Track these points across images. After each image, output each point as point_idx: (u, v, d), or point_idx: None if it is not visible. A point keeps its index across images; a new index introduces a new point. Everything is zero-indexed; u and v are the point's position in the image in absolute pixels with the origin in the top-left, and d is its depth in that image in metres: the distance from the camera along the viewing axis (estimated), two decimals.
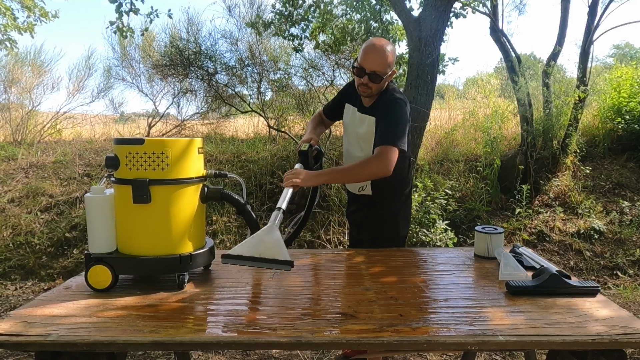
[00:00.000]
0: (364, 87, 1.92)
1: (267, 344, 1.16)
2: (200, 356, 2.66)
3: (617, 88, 6.19)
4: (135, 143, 1.44)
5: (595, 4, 5.46)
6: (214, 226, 4.61)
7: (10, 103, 8.08)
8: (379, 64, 1.87)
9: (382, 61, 1.87)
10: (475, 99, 7.82)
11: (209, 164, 5.68)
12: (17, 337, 1.14)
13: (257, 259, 1.35)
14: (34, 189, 5.19)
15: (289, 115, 6.96)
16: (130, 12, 5.30)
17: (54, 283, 4.00)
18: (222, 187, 1.66)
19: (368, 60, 1.87)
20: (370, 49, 1.88)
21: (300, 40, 5.85)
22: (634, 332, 1.15)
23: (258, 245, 1.41)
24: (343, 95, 2.18)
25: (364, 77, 1.89)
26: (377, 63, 1.87)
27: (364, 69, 1.88)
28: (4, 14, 7.08)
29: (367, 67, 1.87)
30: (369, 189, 2.07)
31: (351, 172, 1.87)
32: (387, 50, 1.88)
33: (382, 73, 1.89)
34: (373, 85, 1.90)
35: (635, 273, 4.16)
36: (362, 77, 1.90)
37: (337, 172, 1.95)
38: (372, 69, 1.87)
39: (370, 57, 1.87)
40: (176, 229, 1.49)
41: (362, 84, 1.91)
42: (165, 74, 7.01)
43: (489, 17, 5.65)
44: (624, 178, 5.39)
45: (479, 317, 1.25)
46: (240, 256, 1.35)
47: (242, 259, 1.36)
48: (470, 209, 4.83)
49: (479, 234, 1.82)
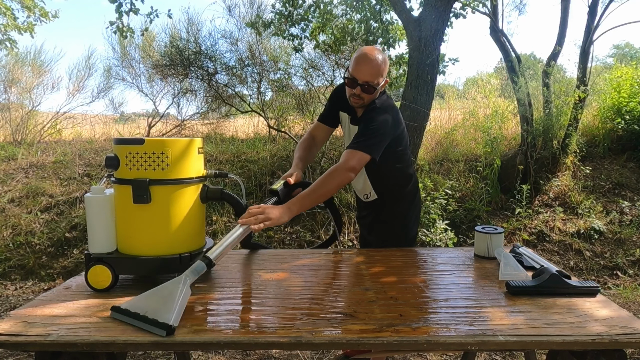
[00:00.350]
0: (356, 97, 1.85)
1: (267, 344, 1.16)
2: (200, 356, 2.66)
3: (617, 88, 6.19)
4: (135, 143, 1.44)
5: (595, 4, 5.46)
6: (214, 226, 4.61)
7: (10, 103, 8.09)
8: (371, 74, 1.80)
9: (374, 71, 1.80)
10: (475, 99, 7.82)
11: (209, 164, 5.68)
12: (17, 337, 1.14)
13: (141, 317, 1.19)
14: (34, 189, 5.20)
15: (289, 115, 6.96)
16: (130, 12, 5.31)
17: (54, 283, 4.00)
18: (222, 187, 1.66)
19: (360, 70, 1.80)
20: (362, 59, 1.80)
21: (300, 40, 5.86)
22: (634, 332, 1.15)
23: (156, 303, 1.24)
24: (335, 101, 2.07)
25: (357, 88, 1.82)
26: (370, 74, 1.80)
27: (356, 80, 1.81)
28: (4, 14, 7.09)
29: (360, 77, 1.80)
30: (373, 194, 2.07)
31: (318, 190, 1.67)
32: (379, 59, 1.80)
33: (375, 84, 1.82)
34: (365, 96, 1.84)
35: (635, 273, 4.16)
36: (354, 88, 1.82)
37: (305, 197, 1.66)
38: (365, 79, 1.80)
39: (362, 68, 1.80)
40: (176, 229, 1.49)
41: (354, 94, 1.84)
42: (165, 74, 7.02)
43: (489, 17, 5.65)
44: (624, 178, 5.39)
45: (479, 317, 1.25)
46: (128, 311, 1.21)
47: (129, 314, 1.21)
48: (470, 209, 4.83)
49: (479, 234, 1.82)
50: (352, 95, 1.86)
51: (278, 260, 1.78)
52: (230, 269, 1.69)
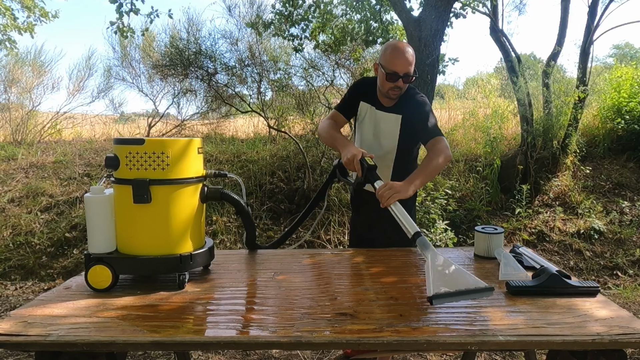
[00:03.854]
0: (395, 90, 1.98)
1: (267, 344, 1.16)
2: (200, 356, 2.66)
3: (617, 88, 6.19)
4: (135, 143, 1.44)
5: (595, 4, 5.46)
6: (214, 226, 4.61)
7: (10, 103, 8.08)
8: (409, 64, 1.95)
9: (411, 61, 1.96)
10: (475, 99, 7.83)
11: (209, 164, 5.68)
12: (17, 337, 1.14)
13: (464, 291, 1.27)
14: (34, 189, 5.20)
15: (289, 115, 6.95)
16: (131, 12, 5.30)
17: (54, 283, 4.00)
18: (221, 187, 1.66)
19: (399, 64, 1.93)
20: (398, 53, 1.95)
21: (300, 40, 5.85)
22: (634, 332, 1.15)
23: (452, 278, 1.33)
24: (357, 93, 2.18)
25: (399, 81, 1.95)
26: (408, 64, 1.95)
27: (397, 73, 1.93)
28: (4, 14, 7.09)
29: (400, 70, 1.93)
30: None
31: (432, 167, 1.84)
32: (410, 50, 1.98)
33: (413, 72, 1.98)
34: (404, 86, 1.99)
35: (635, 273, 4.16)
36: (396, 81, 1.95)
37: (423, 174, 1.83)
38: (405, 71, 1.94)
39: (401, 61, 1.94)
40: (176, 228, 1.49)
41: (395, 87, 1.97)
42: (165, 74, 7.01)
43: (489, 17, 5.65)
44: (624, 178, 5.39)
45: (479, 317, 1.25)
46: (449, 292, 1.27)
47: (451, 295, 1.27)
48: (470, 209, 4.83)
49: (479, 234, 1.82)
50: (391, 88, 1.98)
51: (278, 260, 1.78)
52: (230, 269, 1.69)
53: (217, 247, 3.82)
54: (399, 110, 2.04)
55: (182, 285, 1.47)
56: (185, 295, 1.42)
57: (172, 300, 1.38)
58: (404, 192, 1.68)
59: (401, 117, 2.03)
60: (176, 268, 1.47)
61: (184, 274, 1.48)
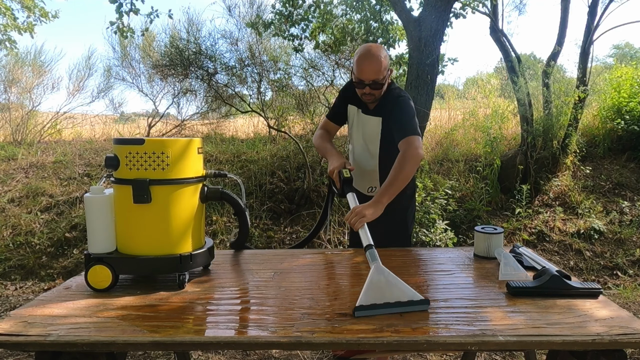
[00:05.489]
0: (368, 96, 1.95)
1: (267, 344, 1.16)
2: (200, 356, 2.66)
3: (617, 88, 6.19)
4: (135, 143, 1.44)
5: (595, 4, 5.46)
6: (214, 226, 4.61)
7: (10, 103, 8.08)
8: (375, 72, 1.88)
9: (378, 68, 1.87)
10: (475, 99, 7.83)
11: (209, 164, 5.68)
12: (17, 337, 1.14)
13: (392, 304, 1.28)
14: (34, 189, 5.20)
15: (289, 115, 6.95)
16: (131, 12, 5.30)
17: (54, 283, 4.00)
18: (221, 187, 1.66)
19: (365, 71, 1.88)
20: (363, 60, 1.89)
21: (300, 40, 5.85)
22: (634, 332, 1.15)
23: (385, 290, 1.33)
24: (344, 97, 2.15)
25: (366, 88, 1.91)
26: (374, 72, 1.88)
27: (363, 81, 1.90)
28: (4, 14, 7.10)
29: (366, 78, 1.89)
30: (379, 187, 2.07)
31: (400, 177, 1.77)
32: (380, 56, 1.88)
33: (381, 79, 1.90)
34: (376, 92, 1.93)
35: (635, 273, 4.16)
36: (363, 89, 1.92)
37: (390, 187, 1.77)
38: (371, 78, 1.89)
39: (366, 68, 1.88)
40: (176, 228, 1.49)
41: (364, 94, 1.94)
42: (165, 74, 7.01)
43: (489, 17, 5.65)
44: (624, 178, 5.39)
45: (479, 317, 1.25)
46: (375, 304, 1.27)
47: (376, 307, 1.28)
48: (470, 209, 4.83)
49: (479, 234, 1.81)
50: (363, 94, 1.95)
51: (278, 260, 1.78)
52: (230, 269, 1.69)
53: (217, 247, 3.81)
54: (380, 113, 2.00)
55: (182, 285, 1.47)
56: (185, 295, 1.42)
57: (172, 300, 1.38)
58: (370, 215, 1.67)
59: (381, 119, 1.98)
60: (176, 268, 1.47)
61: (184, 274, 1.48)
